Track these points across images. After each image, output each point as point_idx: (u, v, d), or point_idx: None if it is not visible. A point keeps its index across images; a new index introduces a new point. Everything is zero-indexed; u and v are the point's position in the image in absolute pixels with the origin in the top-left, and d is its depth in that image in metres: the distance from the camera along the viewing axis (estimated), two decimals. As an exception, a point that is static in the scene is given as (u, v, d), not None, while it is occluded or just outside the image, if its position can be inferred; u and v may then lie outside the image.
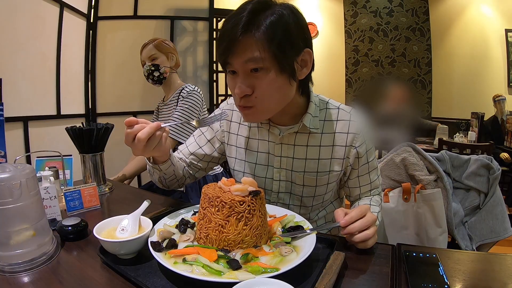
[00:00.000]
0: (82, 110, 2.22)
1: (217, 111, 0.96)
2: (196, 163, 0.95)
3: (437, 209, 1.00)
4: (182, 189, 1.51)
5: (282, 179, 0.85)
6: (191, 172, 0.95)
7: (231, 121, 0.92)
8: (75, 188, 0.89)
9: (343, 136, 0.79)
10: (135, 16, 2.31)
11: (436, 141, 3.03)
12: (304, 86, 0.76)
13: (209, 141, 0.95)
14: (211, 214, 0.60)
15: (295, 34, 0.67)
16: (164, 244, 0.59)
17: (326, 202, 0.91)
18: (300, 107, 0.79)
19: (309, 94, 0.79)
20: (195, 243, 0.61)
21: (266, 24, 0.63)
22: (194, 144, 0.95)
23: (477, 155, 1.09)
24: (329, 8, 4.86)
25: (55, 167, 0.99)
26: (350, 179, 0.86)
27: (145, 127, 0.66)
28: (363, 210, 0.65)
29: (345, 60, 4.85)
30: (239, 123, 0.90)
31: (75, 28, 2.09)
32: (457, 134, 3.26)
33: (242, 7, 0.65)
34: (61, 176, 1.04)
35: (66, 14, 1.96)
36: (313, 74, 0.76)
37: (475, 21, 4.11)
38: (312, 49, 0.72)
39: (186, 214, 0.75)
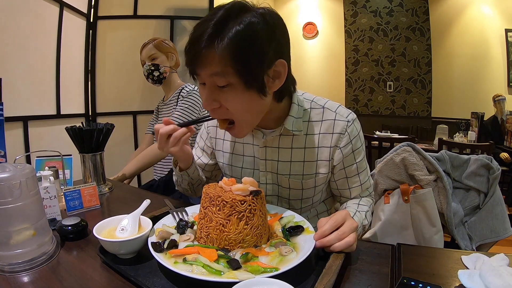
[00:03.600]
0: (82, 110, 2.22)
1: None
2: (200, 173, 0.97)
3: (429, 209, 1.00)
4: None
5: (269, 182, 0.84)
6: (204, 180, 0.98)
7: (217, 127, 0.92)
8: (75, 188, 0.89)
9: (328, 136, 0.77)
10: (135, 16, 2.31)
11: (436, 141, 3.03)
12: (281, 93, 0.72)
13: (203, 150, 0.96)
14: (212, 213, 0.60)
15: (265, 45, 0.61)
16: (165, 244, 0.59)
17: (316, 203, 0.90)
18: (281, 110, 0.76)
19: (291, 95, 0.76)
20: (196, 242, 0.61)
21: (231, 35, 0.58)
22: (195, 155, 0.97)
23: (477, 155, 1.09)
24: (329, 8, 4.87)
25: (55, 167, 0.99)
26: (338, 180, 0.83)
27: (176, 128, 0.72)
28: (339, 220, 0.61)
29: (345, 60, 4.85)
30: None
31: (75, 27, 2.09)
32: (457, 134, 3.26)
33: (214, 11, 0.61)
34: (61, 176, 1.04)
35: (66, 13, 1.96)
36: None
37: (475, 21, 4.11)
38: (287, 58, 0.67)
39: (186, 214, 0.75)
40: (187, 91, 1.53)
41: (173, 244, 0.59)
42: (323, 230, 0.60)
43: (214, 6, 2.47)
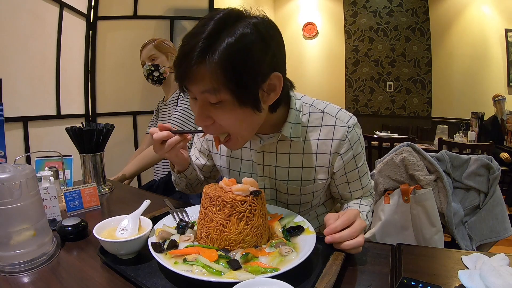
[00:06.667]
0: (82, 110, 2.22)
1: None
2: (198, 173, 0.96)
3: (429, 209, 1.00)
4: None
5: (267, 187, 0.82)
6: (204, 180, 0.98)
7: None
8: (75, 188, 0.89)
9: (327, 143, 0.74)
10: (135, 16, 2.31)
11: (436, 141, 3.03)
12: (276, 105, 0.68)
13: (200, 151, 0.96)
14: (212, 214, 0.60)
15: (258, 59, 0.57)
16: (165, 245, 0.59)
17: (315, 206, 0.89)
18: (278, 117, 0.73)
19: (289, 101, 0.73)
20: (196, 243, 0.61)
21: (222, 50, 0.54)
22: (193, 156, 0.97)
23: (477, 155, 1.09)
24: (329, 8, 4.87)
25: (55, 167, 0.99)
26: (339, 185, 0.82)
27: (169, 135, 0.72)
28: (351, 217, 0.60)
29: (345, 60, 4.85)
30: None
31: (75, 28, 2.09)
32: (457, 134, 3.27)
33: (205, 22, 0.57)
34: (61, 176, 1.04)
35: (66, 14, 1.96)
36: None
37: (475, 21, 4.11)
38: (282, 70, 0.63)
39: (186, 214, 0.75)
40: (187, 91, 1.53)
41: (173, 245, 0.59)
42: (335, 225, 0.59)
43: (215, 7, 2.48)
